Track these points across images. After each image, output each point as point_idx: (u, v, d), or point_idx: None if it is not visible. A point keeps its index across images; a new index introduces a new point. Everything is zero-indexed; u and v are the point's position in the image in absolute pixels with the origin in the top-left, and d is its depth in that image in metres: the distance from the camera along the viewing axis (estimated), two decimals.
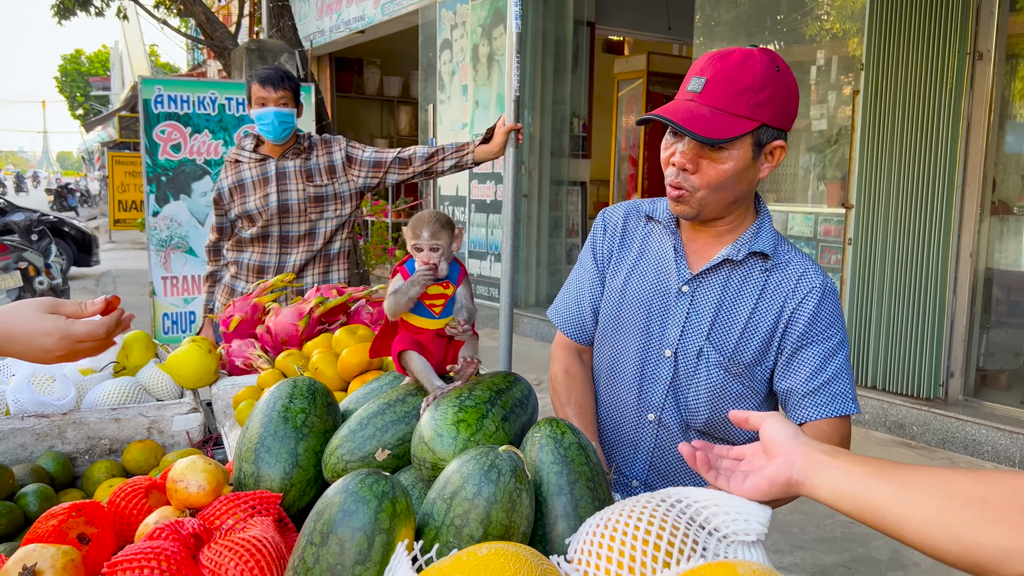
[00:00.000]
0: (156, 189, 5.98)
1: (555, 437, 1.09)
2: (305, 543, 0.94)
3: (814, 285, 1.49)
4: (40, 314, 1.08)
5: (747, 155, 1.40)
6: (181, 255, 6.12)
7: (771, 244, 1.51)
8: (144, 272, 12.60)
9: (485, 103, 7.85)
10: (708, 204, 1.45)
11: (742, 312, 1.51)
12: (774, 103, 1.38)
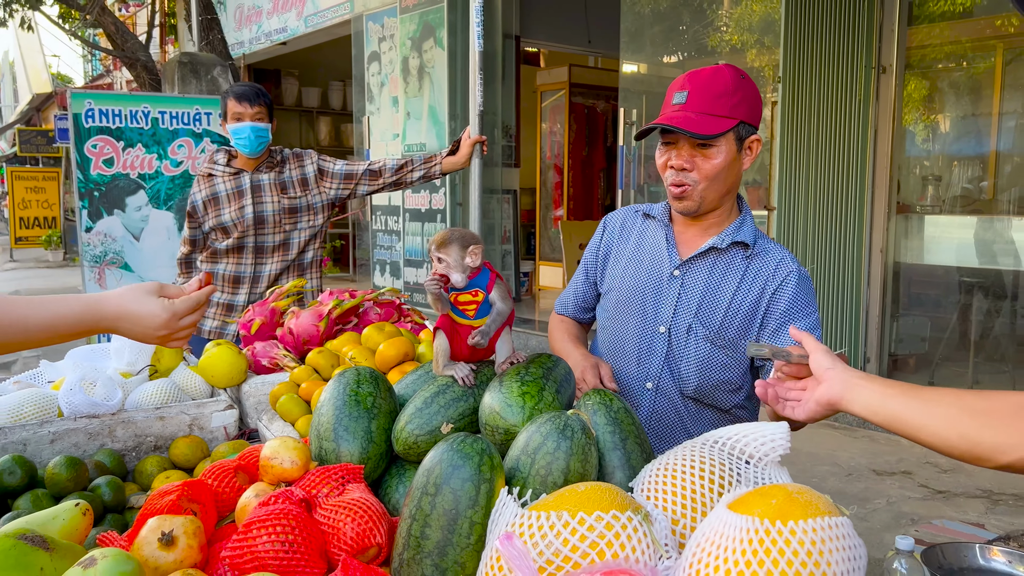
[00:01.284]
0: (89, 204, 5.88)
1: (605, 403, 1.30)
2: (420, 494, 1.11)
3: (791, 270, 1.76)
4: (149, 295, 1.19)
5: (732, 149, 1.68)
6: (116, 271, 6.02)
7: (751, 236, 1.78)
8: (57, 291, 12.14)
9: (417, 114, 8.01)
10: (707, 196, 1.71)
11: (726, 293, 1.76)
12: (746, 104, 1.67)
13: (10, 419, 1.64)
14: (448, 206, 7.80)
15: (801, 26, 5.01)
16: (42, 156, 18.31)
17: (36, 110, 20.95)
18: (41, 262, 16.32)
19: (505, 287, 1.47)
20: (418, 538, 1.09)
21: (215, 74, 6.52)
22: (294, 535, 1.11)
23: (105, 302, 1.16)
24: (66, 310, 1.13)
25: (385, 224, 8.61)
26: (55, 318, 1.12)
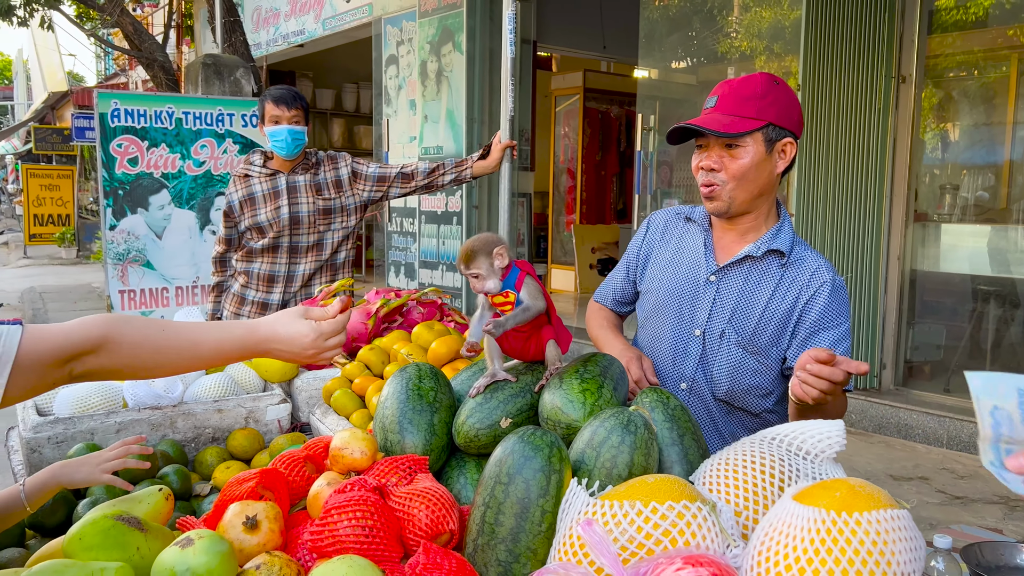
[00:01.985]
0: (113, 203, 5.95)
1: (662, 400, 1.36)
2: (493, 483, 1.17)
3: (825, 279, 1.78)
4: (298, 320, 1.29)
5: (761, 150, 1.71)
6: (139, 268, 6.09)
7: (788, 244, 1.80)
8: (72, 288, 12.24)
9: (434, 117, 8.08)
10: (736, 197, 1.74)
11: (760, 301, 1.79)
12: (777, 106, 1.70)
13: (78, 409, 1.70)
14: (464, 209, 7.87)
15: (821, 34, 5.06)
16: (56, 154, 18.44)
17: (51, 108, 21.10)
18: (55, 259, 16.44)
19: (536, 285, 1.48)
20: (492, 525, 1.15)
21: (238, 75, 6.60)
22: (373, 520, 1.17)
23: (260, 327, 1.26)
24: (230, 335, 1.24)
25: (401, 226, 8.68)
26: (221, 342, 1.23)
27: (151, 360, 1.20)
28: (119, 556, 1.09)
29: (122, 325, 1.18)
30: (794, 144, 1.75)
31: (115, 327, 1.17)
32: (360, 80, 13.32)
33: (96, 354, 1.15)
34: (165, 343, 1.20)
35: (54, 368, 1.12)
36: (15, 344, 1.07)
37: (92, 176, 17.59)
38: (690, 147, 1.84)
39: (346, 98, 14.01)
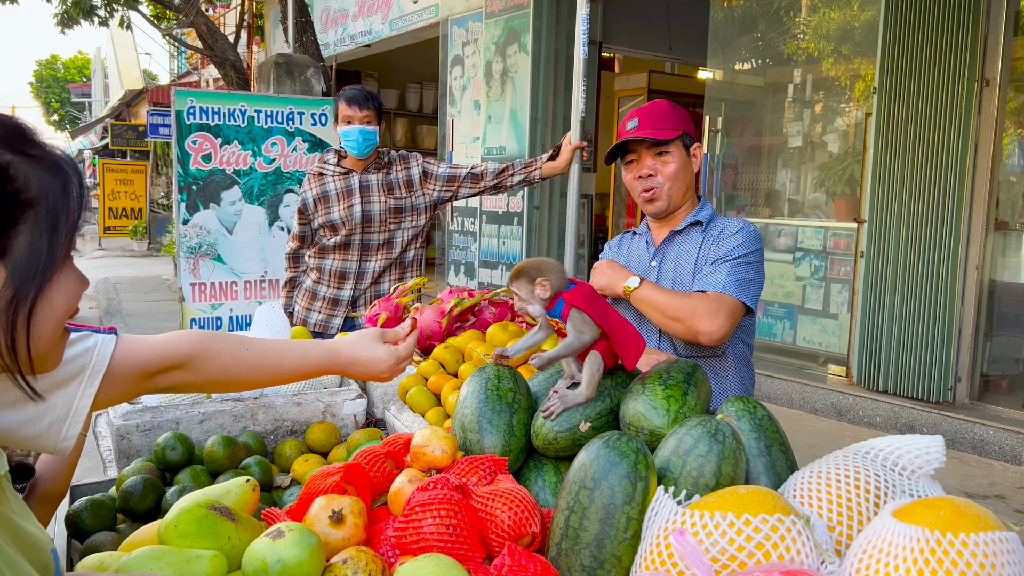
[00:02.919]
0: (187, 198, 6.11)
1: (749, 410, 1.33)
2: (578, 488, 1.16)
3: (732, 224, 2.08)
4: (376, 344, 1.35)
5: (683, 154, 2.11)
6: (209, 262, 6.25)
7: (706, 217, 2.13)
8: (143, 279, 12.66)
9: (498, 118, 8.10)
10: (673, 195, 2.11)
11: (689, 262, 2.11)
12: (683, 120, 2.12)
13: (165, 399, 1.75)
14: (525, 209, 7.87)
15: (900, 36, 4.91)
16: (131, 149, 19.09)
17: (127, 105, 21.85)
18: (127, 251, 17.03)
19: (583, 318, 1.44)
20: (576, 529, 1.14)
21: (308, 75, 6.73)
22: (456, 519, 1.17)
23: (343, 350, 1.32)
24: (311, 355, 1.30)
25: (462, 225, 8.73)
26: (302, 361, 1.29)
27: (234, 377, 1.25)
28: (211, 544, 1.12)
29: (209, 343, 1.23)
30: (701, 147, 2.17)
31: (203, 344, 1.22)
32: (424, 80, 13.45)
33: (183, 369, 1.20)
34: (250, 362, 1.25)
35: (142, 380, 1.17)
36: (108, 355, 1.11)
37: (164, 171, 18.16)
38: (755, 152, 1.98)
39: (410, 98, 14.15)
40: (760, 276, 2.04)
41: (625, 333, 1.47)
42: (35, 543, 0.85)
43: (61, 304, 0.85)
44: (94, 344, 1.11)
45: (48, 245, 0.81)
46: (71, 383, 1.08)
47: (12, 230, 0.79)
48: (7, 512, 0.82)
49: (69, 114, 44.35)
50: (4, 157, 0.79)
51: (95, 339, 1.11)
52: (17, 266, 0.79)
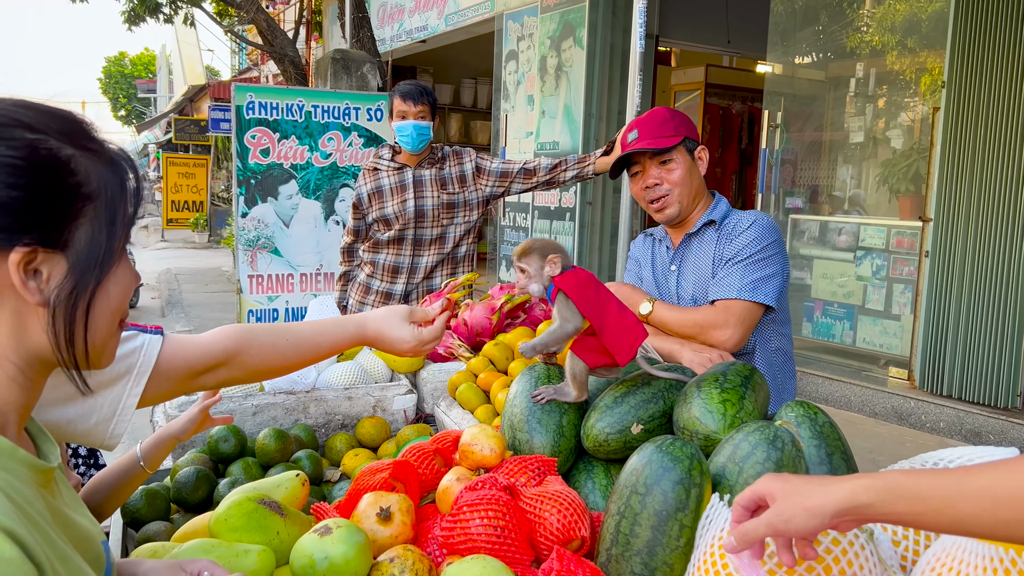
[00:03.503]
0: (245, 192, 6.22)
1: (810, 416, 1.28)
2: (629, 493, 1.13)
3: (744, 218, 2.05)
4: (403, 323, 1.36)
5: (687, 159, 2.08)
6: (267, 255, 6.35)
7: (720, 215, 2.09)
8: (203, 271, 12.96)
9: (552, 113, 8.06)
10: (682, 200, 2.08)
11: (707, 263, 2.08)
12: (684, 125, 2.09)
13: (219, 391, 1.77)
14: (578, 205, 7.82)
15: (971, 29, 4.72)
16: (193, 144, 19.57)
17: (189, 100, 22.41)
18: (188, 243, 17.48)
19: (568, 306, 1.42)
20: (627, 535, 1.11)
21: (364, 70, 6.79)
22: (504, 521, 1.16)
23: (369, 325, 1.35)
24: (343, 332, 1.33)
25: (513, 220, 8.71)
26: (337, 340, 1.32)
27: (277, 365, 1.28)
28: (260, 538, 1.12)
29: (251, 337, 1.25)
30: (706, 150, 2.12)
31: (245, 339, 1.24)
32: (478, 75, 13.46)
33: (228, 366, 1.22)
34: (289, 349, 1.27)
35: (188, 379, 1.19)
36: (154, 355, 1.13)
37: (224, 165, 18.56)
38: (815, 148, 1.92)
39: (464, 93, 14.19)
40: (778, 269, 2.00)
41: (621, 327, 1.42)
42: (86, 536, 0.86)
43: (117, 297, 0.86)
44: (141, 344, 1.12)
45: (107, 238, 0.82)
46: (118, 383, 1.09)
47: (73, 223, 0.80)
48: (59, 505, 0.83)
49: (135, 109, 45.69)
50: (65, 151, 0.80)
51: (142, 339, 1.13)
52: (78, 259, 0.80)
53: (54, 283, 0.79)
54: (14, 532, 0.67)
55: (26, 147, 0.77)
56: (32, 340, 0.80)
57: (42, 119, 0.80)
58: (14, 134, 0.77)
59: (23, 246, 0.76)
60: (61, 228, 0.79)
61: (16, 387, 0.80)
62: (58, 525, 0.79)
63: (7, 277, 0.76)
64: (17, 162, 0.76)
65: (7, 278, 0.76)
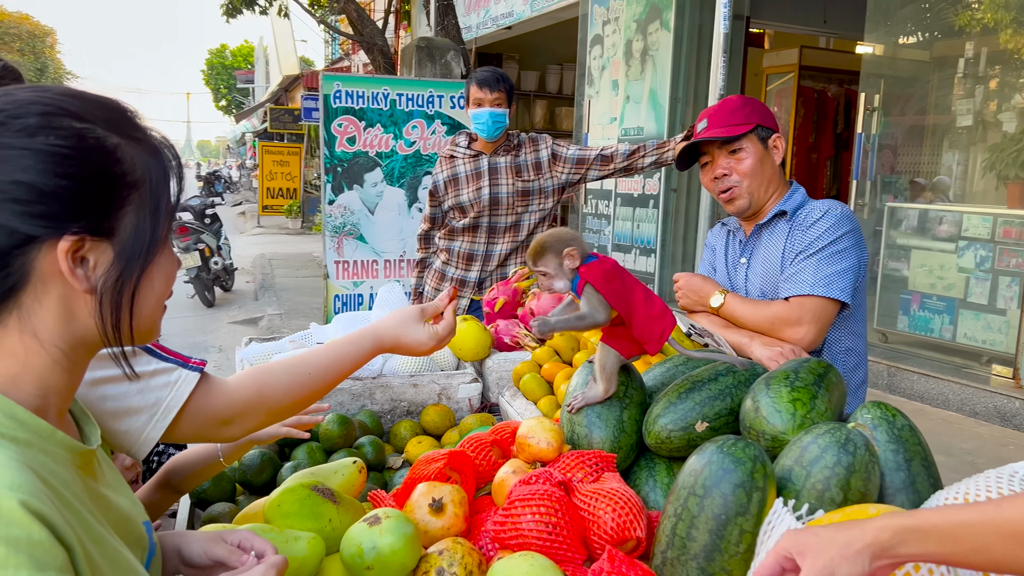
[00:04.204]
0: (332, 179, 6.35)
1: (887, 419, 1.19)
2: (687, 495, 1.08)
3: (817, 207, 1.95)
4: (418, 325, 1.33)
5: (759, 148, 1.98)
6: (352, 241, 6.48)
7: (793, 205, 1.99)
8: (295, 256, 13.36)
9: (636, 98, 7.91)
10: (753, 191, 1.99)
11: (775, 257, 1.99)
12: (758, 112, 1.99)
13: None
14: (662, 191, 7.66)
15: None
16: (287, 132, 20.17)
17: (284, 90, 23.11)
18: (282, 229, 18.05)
19: (597, 297, 1.36)
20: (683, 539, 1.07)
21: (448, 58, 6.81)
22: (557, 517, 1.13)
23: (385, 335, 1.32)
24: (360, 350, 1.29)
25: (596, 208, 8.62)
26: (355, 358, 1.28)
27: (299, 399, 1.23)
28: (312, 525, 1.13)
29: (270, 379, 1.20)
30: (782, 138, 2.02)
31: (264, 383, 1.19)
32: (564, 61, 13.35)
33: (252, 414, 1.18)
34: (310, 381, 1.23)
35: (213, 427, 1.15)
36: (183, 397, 1.10)
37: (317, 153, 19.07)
38: (916, 132, 1.79)
39: (549, 79, 14.10)
40: (853, 262, 1.89)
41: (649, 317, 1.35)
42: (126, 517, 0.88)
43: (161, 283, 0.87)
44: (176, 380, 1.11)
45: (151, 226, 0.83)
46: (143, 414, 1.08)
47: (119, 211, 0.81)
48: (99, 486, 0.85)
49: (235, 99, 47.48)
50: (111, 140, 0.81)
51: (178, 374, 1.11)
52: (123, 246, 0.82)
53: (101, 270, 0.80)
54: (44, 515, 0.68)
55: (74, 136, 0.78)
56: (78, 325, 0.81)
57: (88, 108, 0.81)
58: (62, 123, 0.78)
59: (71, 234, 0.77)
60: (108, 216, 0.80)
61: (60, 371, 0.81)
62: (97, 507, 0.81)
63: (55, 264, 0.78)
64: (65, 151, 0.77)
65: (55, 265, 0.78)
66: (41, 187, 0.75)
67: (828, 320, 1.88)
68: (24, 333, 0.79)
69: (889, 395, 5.18)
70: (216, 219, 9.94)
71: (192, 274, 8.70)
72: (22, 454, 0.73)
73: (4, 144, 0.75)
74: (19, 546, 0.65)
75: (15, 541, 0.65)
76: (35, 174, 0.75)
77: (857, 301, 1.96)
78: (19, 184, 0.75)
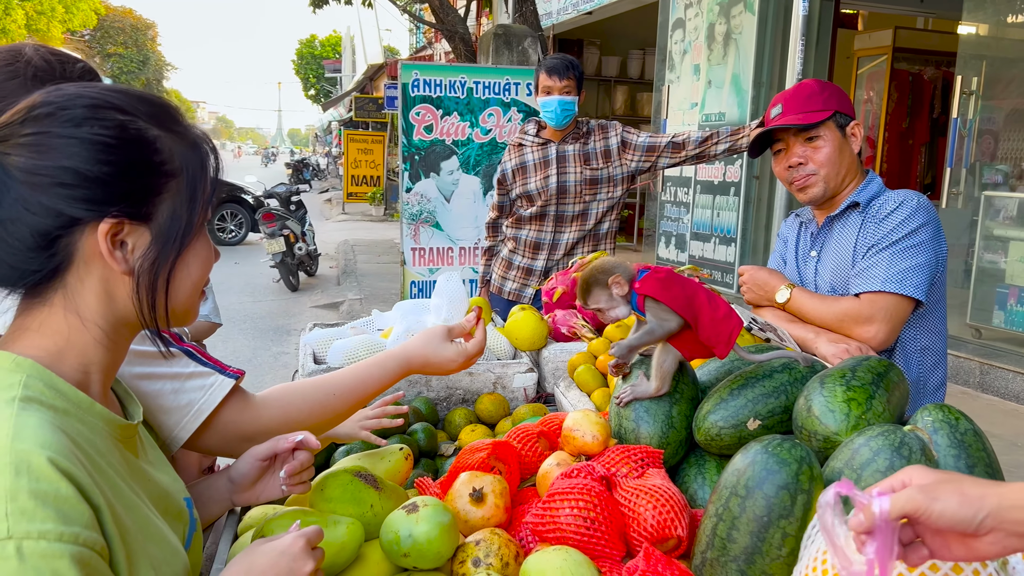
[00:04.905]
0: (410, 167, 6.43)
1: (949, 422, 1.13)
2: (729, 494, 1.05)
3: (889, 199, 1.85)
4: (446, 344, 1.36)
5: (837, 135, 1.90)
6: (428, 228, 6.57)
7: (867, 196, 1.90)
8: (377, 243, 13.63)
9: (718, 83, 7.71)
10: (829, 180, 1.91)
11: (847, 250, 1.91)
12: (836, 97, 1.91)
13: (346, 361, 1.84)
14: (743, 179, 7.45)
15: None
16: (371, 121, 20.54)
17: (369, 79, 23.53)
18: (366, 216, 18.43)
19: (659, 307, 1.32)
20: (724, 539, 1.04)
21: (525, 45, 6.79)
22: (595, 513, 1.11)
23: (414, 357, 1.34)
24: (386, 372, 1.32)
25: (674, 195, 8.46)
26: (381, 381, 1.32)
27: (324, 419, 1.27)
28: (354, 511, 1.15)
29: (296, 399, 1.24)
30: (860, 125, 1.93)
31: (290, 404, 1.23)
32: (646, 47, 13.13)
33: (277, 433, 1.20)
34: (336, 401, 1.27)
35: (237, 442, 1.19)
36: (215, 402, 1.14)
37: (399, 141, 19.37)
38: (1018, 116, 1.64)
39: (631, 65, 13.89)
40: (929, 257, 1.79)
41: (715, 320, 1.30)
42: (166, 492, 0.93)
43: (197, 270, 0.91)
44: (211, 384, 1.14)
45: (187, 213, 0.89)
46: (174, 414, 1.11)
47: (157, 197, 0.87)
48: (139, 461, 0.90)
49: (323, 88, 48.67)
50: (152, 132, 0.85)
51: (213, 379, 1.14)
52: (160, 231, 0.87)
53: (138, 253, 0.86)
54: (71, 473, 0.73)
55: (117, 127, 0.84)
56: (118, 305, 0.87)
57: (131, 102, 0.86)
58: (107, 115, 0.83)
59: (111, 217, 0.83)
60: (146, 202, 0.85)
61: (101, 349, 0.87)
62: (134, 479, 0.85)
63: (96, 246, 0.83)
64: (108, 140, 0.83)
65: (96, 247, 0.83)
66: (85, 173, 0.81)
67: (901, 319, 1.79)
68: (68, 311, 0.85)
69: (981, 394, 4.92)
70: (301, 206, 10.22)
71: (277, 259, 8.98)
72: (58, 419, 0.78)
73: (53, 133, 0.81)
74: (47, 500, 0.70)
75: (43, 495, 0.70)
76: (80, 161, 0.81)
77: (935, 297, 1.86)
78: (66, 170, 0.80)
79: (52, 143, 0.80)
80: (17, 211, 0.79)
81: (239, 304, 8.33)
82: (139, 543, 0.80)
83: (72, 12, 23.50)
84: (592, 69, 13.85)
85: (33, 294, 0.84)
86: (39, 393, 0.79)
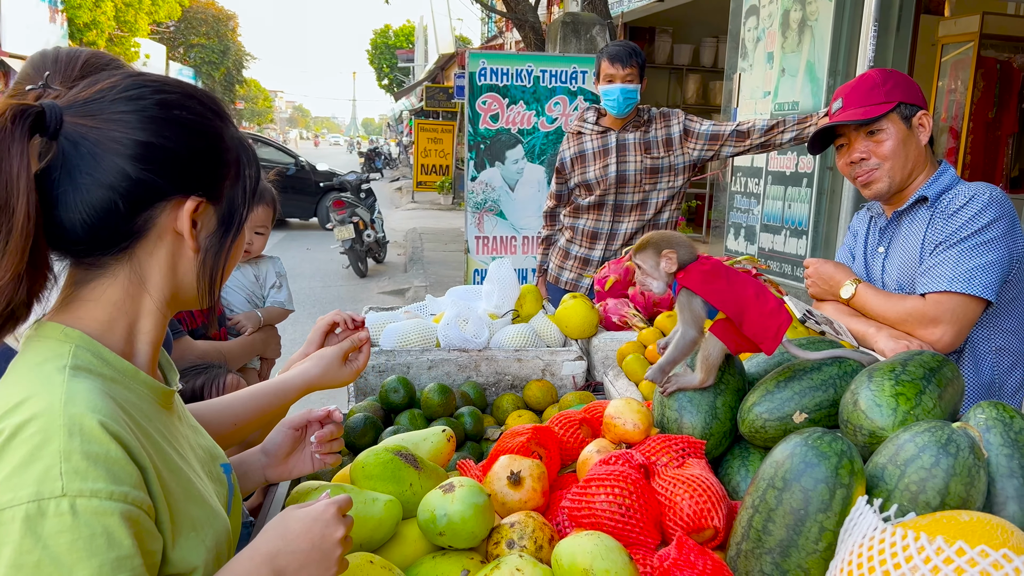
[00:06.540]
0: (475, 156, 6.48)
1: (1003, 420, 1.09)
2: (766, 486, 1.04)
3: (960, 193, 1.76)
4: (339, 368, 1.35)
5: (901, 128, 1.81)
6: (492, 217, 6.61)
7: (937, 190, 1.82)
8: (444, 231, 13.77)
9: (792, 71, 7.50)
10: (894, 174, 1.83)
11: (915, 247, 1.83)
12: (900, 87, 1.82)
13: (399, 344, 1.88)
14: (817, 169, 7.23)
15: None
16: (442, 110, 20.71)
17: (440, 69, 23.71)
18: (434, 205, 18.63)
19: (692, 305, 1.31)
20: (759, 531, 1.02)
21: (593, 33, 6.74)
22: (631, 500, 1.11)
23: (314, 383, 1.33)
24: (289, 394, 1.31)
25: (744, 186, 8.28)
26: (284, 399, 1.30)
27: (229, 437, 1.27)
28: (393, 489, 1.18)
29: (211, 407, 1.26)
30: (929, 115, 1.83)
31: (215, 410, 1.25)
32: (720, 34, 12.85)
33: None
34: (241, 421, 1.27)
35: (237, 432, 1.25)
36: None
37: None
38: None
39: (704, 53, 13.63)
40: (1002, 254, 1.70)
41: (762, 314, 1.27)
42: (207, 457, 0.99)
43: (236, 255, 0.99)
44: None
45: (242, 202, 0.96)
46: None
47: (224, 182, 0.93)
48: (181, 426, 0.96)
49: (396, 78, 49.26)
50: (219, 123, 0.95)
51: None
52: (224, 215, 0.94)
53: (206, 233, 0.92)
54: (120, 436, 0.78)
55: (199, 114, 0.90)
56: (178, 279, 0.92)
57: (202, 96, 0.93)
58: (191, 103, 0.90)
59: (197, 196, 0.89)
60: (219, 186, 0.92)
61: (152, 321, 0.93)
62: (177, 443, 0.90)
63: (171, 223, 0.89)
64: (194, 124, 0.89)
65: (171, 223, 0.89)
66: (175, 151, 0.87)
67: (969, 320, 1.71)
68: (132, 283, 0.90)
69: None
70: (371, 194, 10.39)
71: (347, 246, 9.16)
72: (106, 386, 0.83)
73: (145, 115, 0.85)
74: (98, 460, 0.75)
75: (94, 456, 0.75)
76: (170, 141, 0.86)
77: (1010, 295, 1.77)
78: (157, 147, 0.85)
79: (143, 122, 0.84)
80: (113, 179, 0.83)
81: (309, 289, 8.54)
82: (181, 504, 0.85)
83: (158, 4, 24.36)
84: (664, 57, 13.62)
85: (98, 265, 0.88)
86: (87, 362, 0.84)
